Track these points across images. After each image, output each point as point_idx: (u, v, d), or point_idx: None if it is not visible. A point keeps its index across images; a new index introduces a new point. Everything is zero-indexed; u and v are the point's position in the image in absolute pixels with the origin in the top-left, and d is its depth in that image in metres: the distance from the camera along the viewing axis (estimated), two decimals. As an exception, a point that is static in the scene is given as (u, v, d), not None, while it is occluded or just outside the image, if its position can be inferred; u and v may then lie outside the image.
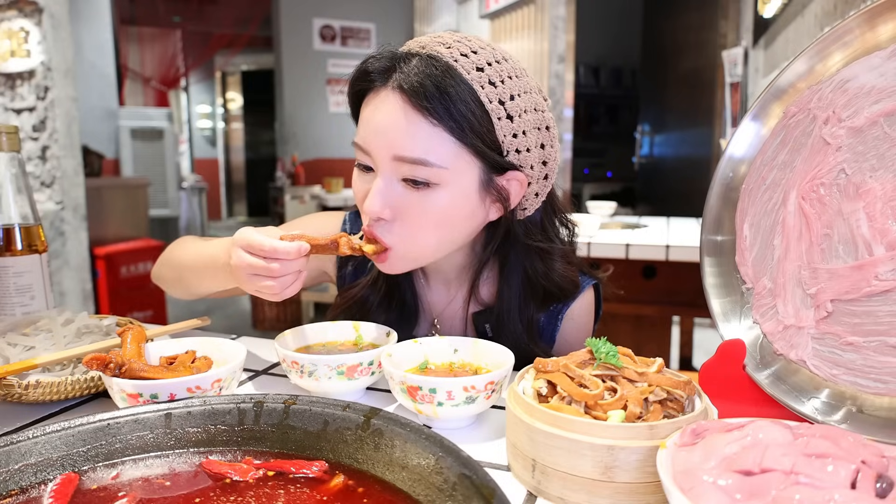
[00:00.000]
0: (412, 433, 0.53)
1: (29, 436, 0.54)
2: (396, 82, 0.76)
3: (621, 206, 3.88)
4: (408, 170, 0.77)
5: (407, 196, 0.78)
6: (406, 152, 0.76)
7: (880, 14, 0.59)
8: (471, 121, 0.76)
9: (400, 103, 0.76)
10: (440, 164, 0.76)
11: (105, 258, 4.12)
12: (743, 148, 0.70)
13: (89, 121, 5.07)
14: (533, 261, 0.89)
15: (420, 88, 0.74)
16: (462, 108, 0.75)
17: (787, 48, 2.67)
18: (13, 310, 0.90)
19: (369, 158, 0.80)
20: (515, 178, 0.82)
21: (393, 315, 0.96)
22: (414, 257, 0.84)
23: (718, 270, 0.70)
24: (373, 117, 0.79)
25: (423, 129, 0.75)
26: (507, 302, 0.91)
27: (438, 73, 0.75)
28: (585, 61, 7.72)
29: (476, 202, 0.81)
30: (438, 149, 0.76)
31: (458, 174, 0.78)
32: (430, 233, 0.80)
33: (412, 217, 0.79)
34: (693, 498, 0.41)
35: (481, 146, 0.77)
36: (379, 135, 0.78)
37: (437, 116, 0.75)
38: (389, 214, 0.79)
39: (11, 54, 3.42)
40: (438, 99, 0.74)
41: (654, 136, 6.21)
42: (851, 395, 0.59)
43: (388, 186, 0.78)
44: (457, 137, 0.76)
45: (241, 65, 10.10)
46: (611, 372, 0.58)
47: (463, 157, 0.77)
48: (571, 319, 0.95)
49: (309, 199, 5.36)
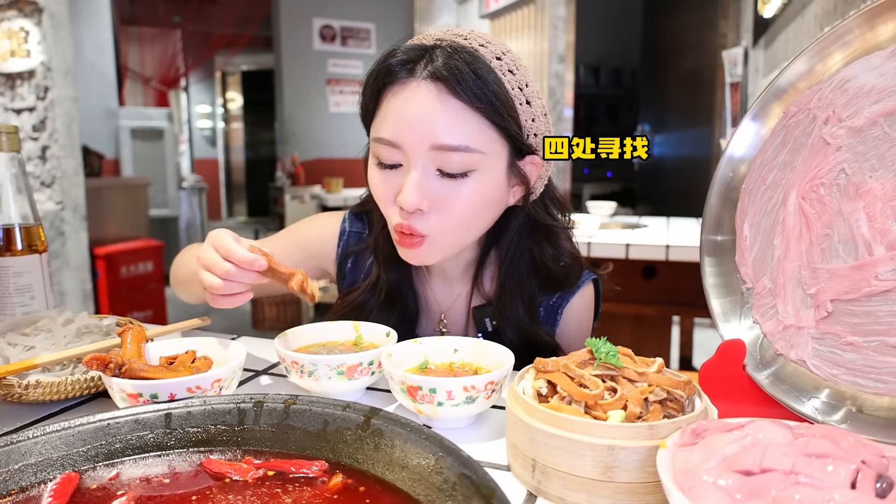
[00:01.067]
0: (412, 433, 0.53)
1: (29, 436, 0.54)
2: (428, 72, 0.77)
3: (621, 206, 3.88)
4: (446, 159, 0.77)
5: (443, 186, 0.79)
6: (447, 140, 0.76)
7: (880, 14, 0.59)
8: (505, 104, 0.78)
9: (434, 92, 0.76)
10: (479, 150, 0.77)
11: (105, 258, 4.12)
12: (743, 148, 0.70)
13: (89, 121, 5.07)
14: (540, 242, 0.91)
15: (457, 74, 0.75)
16: (496, 90, 0.77)
17: (787, 48, 2.67)
18: (13, 310, 0.89)
19: (399, 153, 0.79)
20: (532, 162, 0.85)
21: (394, 318, 0.96)
22: (449, 246, 0.84)
23: (718, 270, 0.70)
24: (405, 110, 0.78)
25: (461, 115, 0.76)
26: (510, 286, 0.91)
27: (470, 59, 0.77)
28: (585, 61, 7.71)
29: (504, 187, 0.83)
30: (477, 134, 0.77)
31: (492, 159, 0.79)
32: (465, 220, 0.82)
33: (449, 206, 0.79)
34: (693, 498, 0.41)
35: (514, 128, 0.79)
36: (414, 126, 0.77)
37: (476, 101, 0.76)
38: (427, 206, 0.79)
39: (11, 54, 3.42)
40: (475, 83, 0.76)
41: (654, 136, 6.21)
42: (851, 395, 0.59)
43: (425, 178, 0.78)
44: (494, 121, 0.78)
45: (241, 65, 10.09)
46: (611, 372, 0.58)
47: (497, 142, 0.79)
48: (571, 315, 0.96)
49: (309, 199, 5.36)
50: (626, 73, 8.12)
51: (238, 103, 10.47)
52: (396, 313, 0.96)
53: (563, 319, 0.95)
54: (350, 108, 7.09)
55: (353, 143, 6.92)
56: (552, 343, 0.93)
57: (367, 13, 7.04)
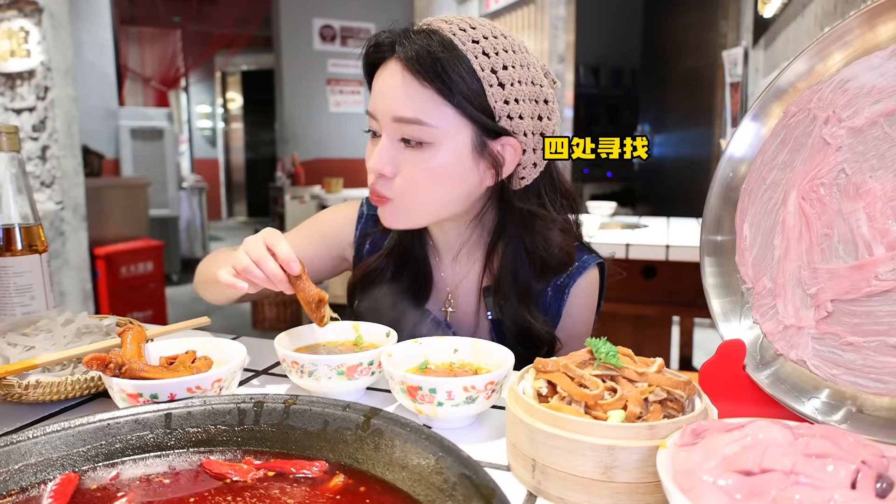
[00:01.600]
0: (412, 433, 0.53)
1: (29, 436, 0.54)
2: (398, 53, 0.86)
3: (621, 206, 3.88)
4: (406, 130, 0.85)
5: (405, 154, 0.87)
6: (403, 112, 0.85)
7: (880, 14, 0.59)
8: (461, 85, 0.83)
9: (399, 71, 0.85)
10: (432, 124, 0.84)
11: (105, 258, 4.12)
12: (743, 148, 0.70)
13: (89, 121, 5.07)
14: (530, 230, 0.94)
15: (415, 56, 0.83)
16: (452, 72, 0.83)
17: (787, 48, 2.67)
18: (13, 310, 0.89)
19: (376, 123, 0.89)
20: (509, 144, 0.88)
21: (405, 285, 1.01)
22: (411, 211, 0.90)
23: (718, 270, 0.70)
24: (378, 85, 0.89)
25: (417, 91, 0.84)
26: (505, 272, 0.95)
27: (435, 42, 0.84)
28: (585, 61, 7.71)
29: (469, 164, 0.88)
30: (431, 110, 0.84)
31: (451, 134, 0.85)
32: (425, 189, 0.88)
33: (409, 173, 0.87)
34: (693, 498, 0.41)
35: (471, 109, 0.84)
36: (382, 99, 0.87)
37: (429, 79, 0.83)
38: (390, 171, 0.87)
39: (11, 54, 3.42)
40: (431, 65, 0.83)
41: (654, 136, 6.20)
42: (851, 395, 0.59)
43: (390, 145, 0.87)
44: (447, 99, 0.84)
45: (241, 65, 10.10)
46: (611, 372, 0.58)
47: (454, 119, 0.85)
48: (577, 296, 0.99)
49: (309, 199, 5.36)
50: (626, 73, 8.11)
51: (238, 103, 10.47)
52: (407, 281, 1.01)
53: (570, 300, 0.98)
54: (350, 108, 7.09)
55: (353, 143, 6.92)
56: (547, 333, 0.95)
57: (367, 13, 7.03)
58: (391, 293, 1.00)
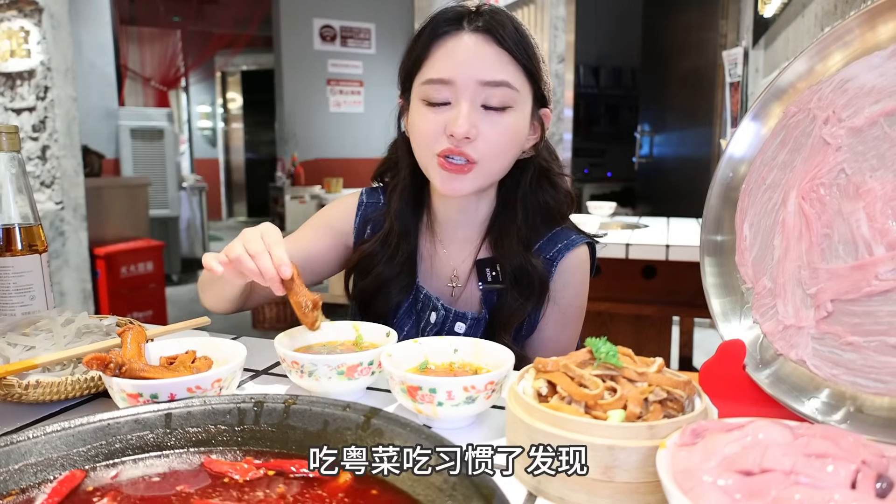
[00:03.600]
0: (412, 433, 0.53)
1: (29, 436, 0.54)
2: (475, 26, 0.93)
3: (621, 206, 3.88)
4: (491, 93, 0.91)
5: (486, 118, 0.92)
6: (494, 76, 0.91)
7: (880, 14, 0.59)
8: (534, 57, 0.95)
9: (482, 40, 0.92)
10: (516, 87, 0.93)
11: (105, 258, 4.12)
12: (743, 148, 0.70)
13: (89, 121, 5.07)
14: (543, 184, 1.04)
15: (501, 27, 0.92)
16: (528, 44, 0.94)
17: (787, 48, 2.67)
18: (13, 310, 0.89)
19: (449, 89, 0.92)
20: (545, 114, 1.01)
21: (397, 269, 1.05)
22: (491, 173, 0.97)
23: (718, 270, 0.70)
24: (456, 55, 0.93)
25: (503, 58, 0.92)
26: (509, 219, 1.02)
27: (509, 18, 0.95)
28: (585, 61, 7.71)
29: (528, 128, 0.98)
30: (515, 75, 0.93)
31: (524, 99, 0.95)
32: (503, 150, 0.95)
33: (491, 135, 0.92)
34: (693, 498, 0.41)
35: (540, 76, 0.96)
36: (465, 65, 0.92)
37: (515, 49, 0.92)
38: (475, 133, 0.92)
39: (11, 54, 3.42)
40: (514, 35, 0.93)
41: (654, 136, 6.19)
42: (851, 395, 0.59)
43: (473, 109, 0.92)
44: (527, 67, 0.94)
45: (241, 65, 10.09)
46: (611, 372, 0.58)
47: (527, 86, 0.95)
48: (566, 270, 1.04)
49: (309, 199, 5.36)
50: (626, 73, 8.11)
51: (238, 103, 10.47)
52: (401, 262, 1.05)
53: (558, 273, 1.03)
54: (350, 108, 7.09)
55: (353, 143, 6.92)
56: (542, 274, 1.01)
57: (367, 13, 7.04)
58: (384, 276, 1.04)
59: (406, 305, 1.07)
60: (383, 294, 1.05)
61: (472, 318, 1.03)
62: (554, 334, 1.03)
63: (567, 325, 1.05)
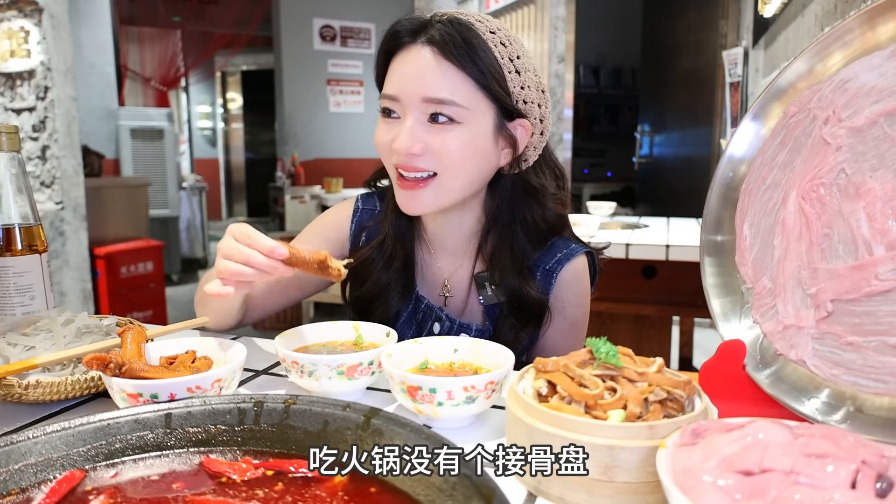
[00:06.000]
0: (412, 433, 0.53)
1: (29, 436, 0.54)
2: (426, 38, 0.89)
3: (621, 206, 3.88)
4: (435, 108, 0.88)
5: (433, 132, 0.89)
6: (435, 93, 0.88)
7: (880, 14, 0.59)
8: (490, 69, 0.89)
9: (430, 54, 0.89)
10: (463, 105, 0.88)
11: (105, 258, 4.12)
12: (743, 148, 0.70)
13: (89, 121, 5.07)
14: (530, 204, 1.00)
15: (449, 40, 0.88)
16: (482, 57, 0.89)
17: (787, 48, 2.67)
18: (13, 310, 0.89)
19: (398, 105, 0.91)
20: (521, 125, 0.95)
21: (394, 275, 1.04)
22: (448, 189, 0.92)
23: (718, 270, 0.70)
24: (403, 68, 0.91)
25: (450, 73, 0.88)
26: (502, 244, 0.99)
27: (462, 29, 0.89)
28: (585, 61, 7.71)
29: (491, 143, 0.93)
30: (463, 91, 0.88)
31: (478, 115, 0.90)
32: (462, 164, 0.91)
33: (441, 149, 0.89)
34: (693, 498, 0.41)
35: (497, 90, 0.90)
36: (410, 81, 0.89)
37: (462, 63, 0.88)
38: (419, 149, 0.89)
39: (11, 54, 3.42)
40: (464, 48, 0.88)
41: (654, 136, 6.19)
42: (851, 395, 0.59)
43: (417, 125, 0.89)
44: (478, 82, 0.89)
45: (241, 65, 10.09)
46: (611, 372, 0.58)
47: (482, 101, 0.90)
48: (565, 281, 1.02)
49: (309, 199, 5.36)
50: (626, 73, 8.11)
51: (238, 103, 10.47)
52: (398, 270, 1.04)
53: (558, 283, 1.01)
54: (350, 108, 7.09)
55: (353, 143, 6.92)
56: (540, 300, 0.99)
57: (367, 13, 7.04)
58: (382, 282, 1.03)
59: (406, 315, 1.06)
60: (382, 302, 1.04)
61: (477, 329, 1.02)
62: (557, 344, 1.02)
63: (569, 335, 1.03)
